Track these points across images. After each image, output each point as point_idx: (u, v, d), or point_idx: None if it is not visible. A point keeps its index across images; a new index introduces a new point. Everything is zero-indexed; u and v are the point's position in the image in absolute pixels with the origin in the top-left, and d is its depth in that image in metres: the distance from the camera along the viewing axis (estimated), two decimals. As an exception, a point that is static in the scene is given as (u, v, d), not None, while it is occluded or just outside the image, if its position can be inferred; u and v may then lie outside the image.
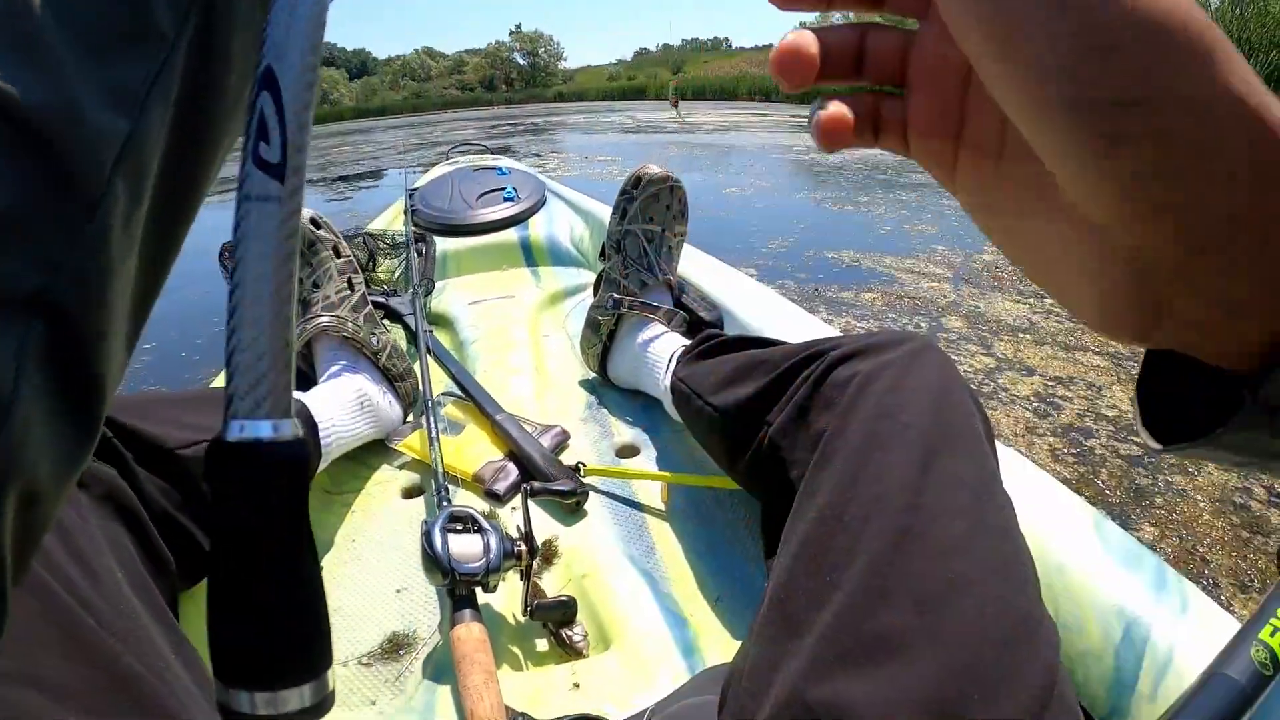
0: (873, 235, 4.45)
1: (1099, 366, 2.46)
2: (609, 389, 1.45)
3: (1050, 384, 2.36)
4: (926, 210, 5.12)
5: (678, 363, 1.20)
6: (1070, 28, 0.21)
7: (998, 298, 3.17)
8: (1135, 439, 1.96)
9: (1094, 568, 0.78)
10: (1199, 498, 1.74)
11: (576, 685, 0.86)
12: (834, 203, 5.68)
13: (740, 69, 29.28)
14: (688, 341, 1.25)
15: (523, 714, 0.79)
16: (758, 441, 0.90)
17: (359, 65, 79.01)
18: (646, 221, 1.40)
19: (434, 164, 3.16)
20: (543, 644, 0.94)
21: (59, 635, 0.56)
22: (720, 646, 0.90)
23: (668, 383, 1.19)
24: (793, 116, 14.19)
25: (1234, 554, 1.53)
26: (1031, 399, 2.24)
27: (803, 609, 0.61)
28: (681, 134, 12.08)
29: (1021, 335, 2.77)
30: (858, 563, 0.59)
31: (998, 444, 0.79)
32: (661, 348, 1.28)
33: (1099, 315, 0.29)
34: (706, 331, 1.26)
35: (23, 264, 0.25)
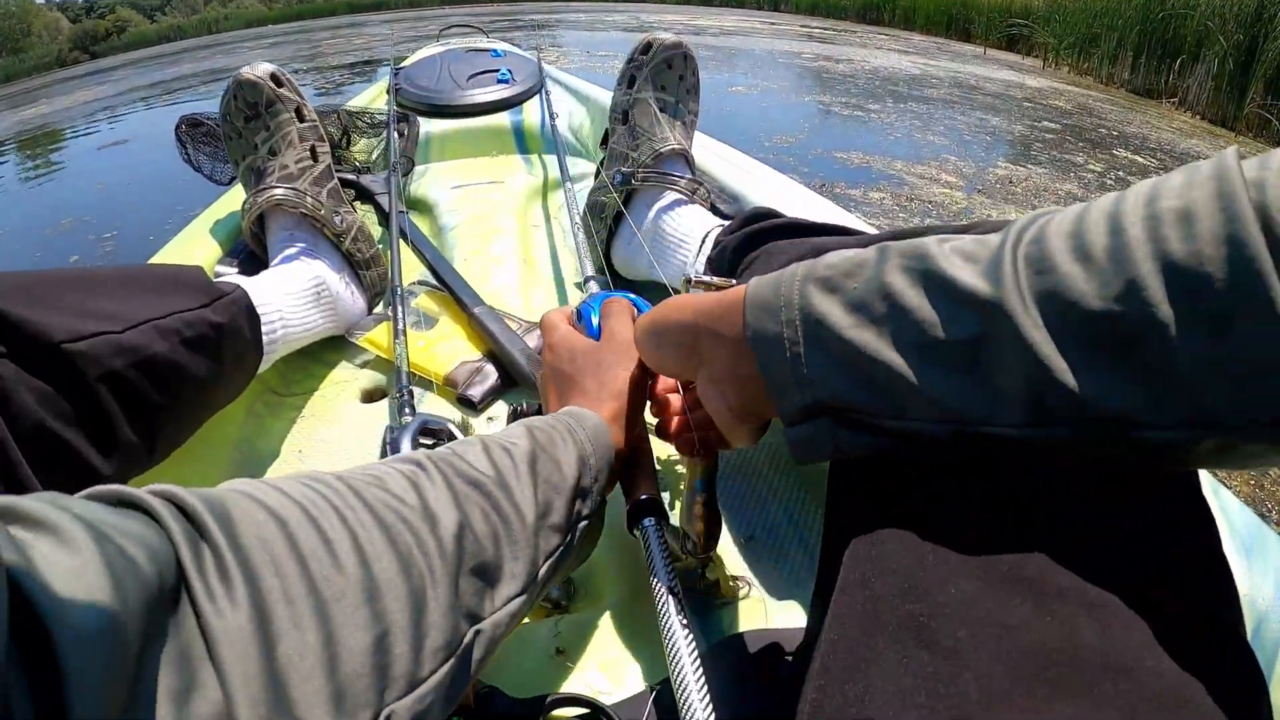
0: (883, 140, 4.33)
1: None
2: (615, 281, 1.25)
3: None
4: (938, 123, 4.95)
5: (715, 245, 1.00)
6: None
7: (1011, 209, 3.06)
8: None
9: None
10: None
11: (559, 651, 0.68)
12: (843, 108, 5.49)
13: None
14: (721, 221, 1.04)
15: (491, 688, 0.62)
16: None
17: None
18: (658, 90, 1.20)
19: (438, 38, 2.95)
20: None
21: None
22: (750, 606, 0.71)
23: (700, 267, 1.00)
24: (802, 26, 13.86)
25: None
26: None
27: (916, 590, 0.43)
28: (686, 35, 11.71)
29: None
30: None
31: None
32: (687, 224, 1.09)
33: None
34: (757, 209, 1.04)
35: None
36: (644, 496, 0.66)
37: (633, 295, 0.83)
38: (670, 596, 0.56)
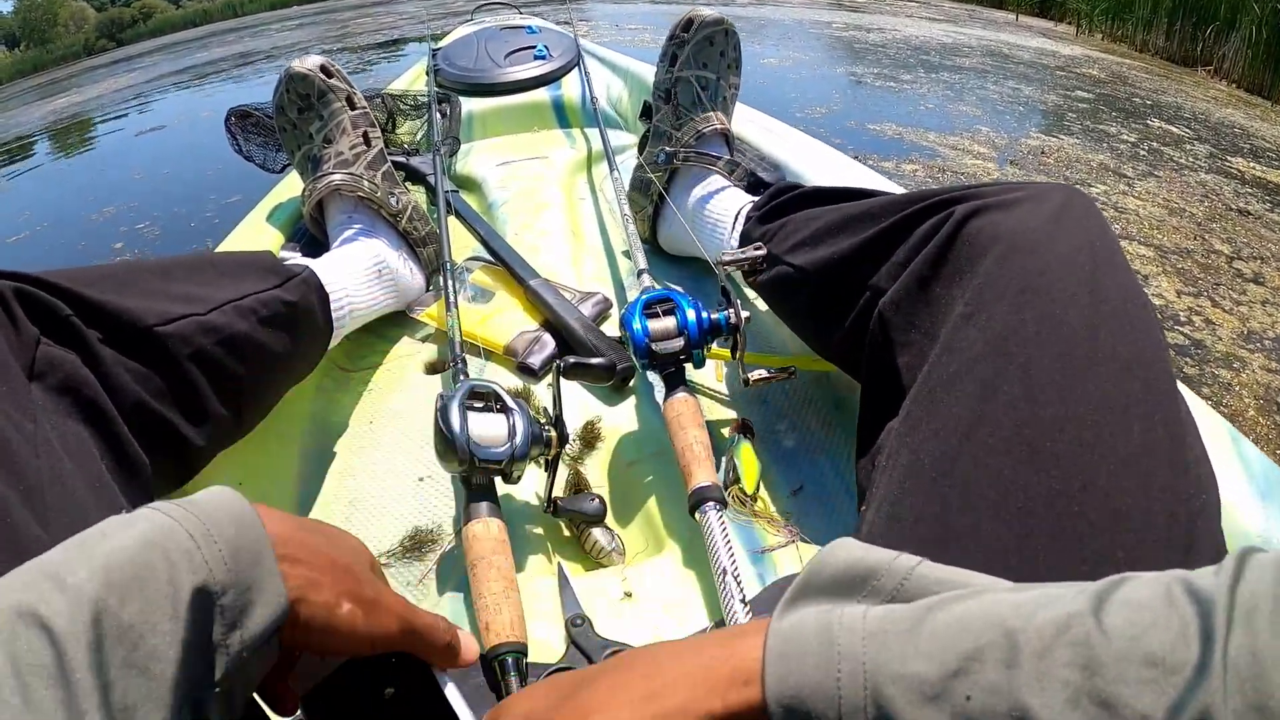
0: (915, 111, 4.28)
1: (1144, 256, 2.38)
2: (657, 256, 1.29)
3: None
4: (970, 93, 4.89)
5: (746, 221, 1.04)
6: None
7: (1043, 180, 3.02)
8: (1181, 328, 1.94)
9: (1235, 495, 0.65)
10: (1244, 393, 1.74)
11: (628, 595, 0.74)
12: (875, 79, 5.44)
13: None
14: (754, 198, 1.08)
15: (584, 619, 0.69)
16: (858, 312, 0.74)
17: None
18: (700, 68, 1.22)
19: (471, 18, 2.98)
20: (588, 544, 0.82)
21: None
22: (800, 549, 0.77)
23: (734, 243, 1.04)
24: None
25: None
26: None
27: (924, 538, 0.49)
28: (715, 5, 11.67)
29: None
30: (1005, 500, 0.46)
31: None
32: (724, 204, 1.12)
33: None
34: (781, 183, 1.08)
35: None
36: (705, 483, 0.72)
37: (675, 291, 0.87)
38: (728, 564, 0.62)
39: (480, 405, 0.76)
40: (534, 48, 2.33)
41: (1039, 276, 0.55)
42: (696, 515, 0.70)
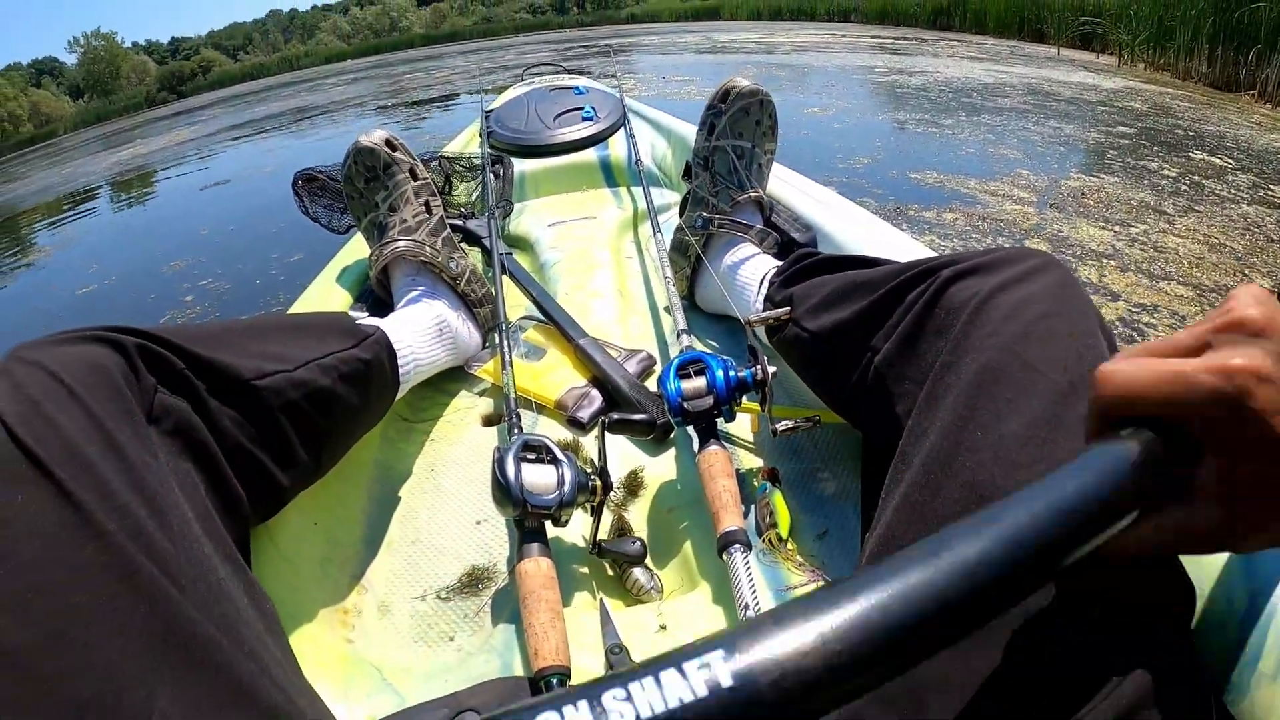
0: (956, 157, 4.29)
1: (1182, 296, 2.38)
2: (696, 314, 1.38)
3: (1134, 310, 2.28)
4: (1011, 135, 4.90)
5: (770, 285, 1.12)
6: None
7: (1083, 223, 3.04)
8: None
9: None
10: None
11: (663, 628, 0.82)
12: (917, 124, 5.48)
13: None
14: (780, 263, 1.17)
15: (622, 646, 0.77)
16: (860, 370, 0.83)
17: None
18: (736, 137, 1.32)
19: (507, 87, 3.10)
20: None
21: (116, 582, 0.53)
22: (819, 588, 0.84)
23: (759, 305, 1.12)
24: (873, 37, 13.66)
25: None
26: (1115, 324, 2.17)
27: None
28: (759, 54, 11.75)
29: (1106, 261, 2.65)
30: (952, 498, 0.54)
31: None
32: (752, 269, 1.21)
33: None
34: (800, 251, 1.17)
35: None
36: (732, 528, 0.81)
37: (707, 353, 0.97)
38: (751, 601, 0.71)
39: (533, 457, 0.85)
40: (582, 109, 2.43)
41: (1011, 333, 0.63)
42: (724, 556, 0.79)
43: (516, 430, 0.97)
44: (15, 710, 0.49)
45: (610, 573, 0.91)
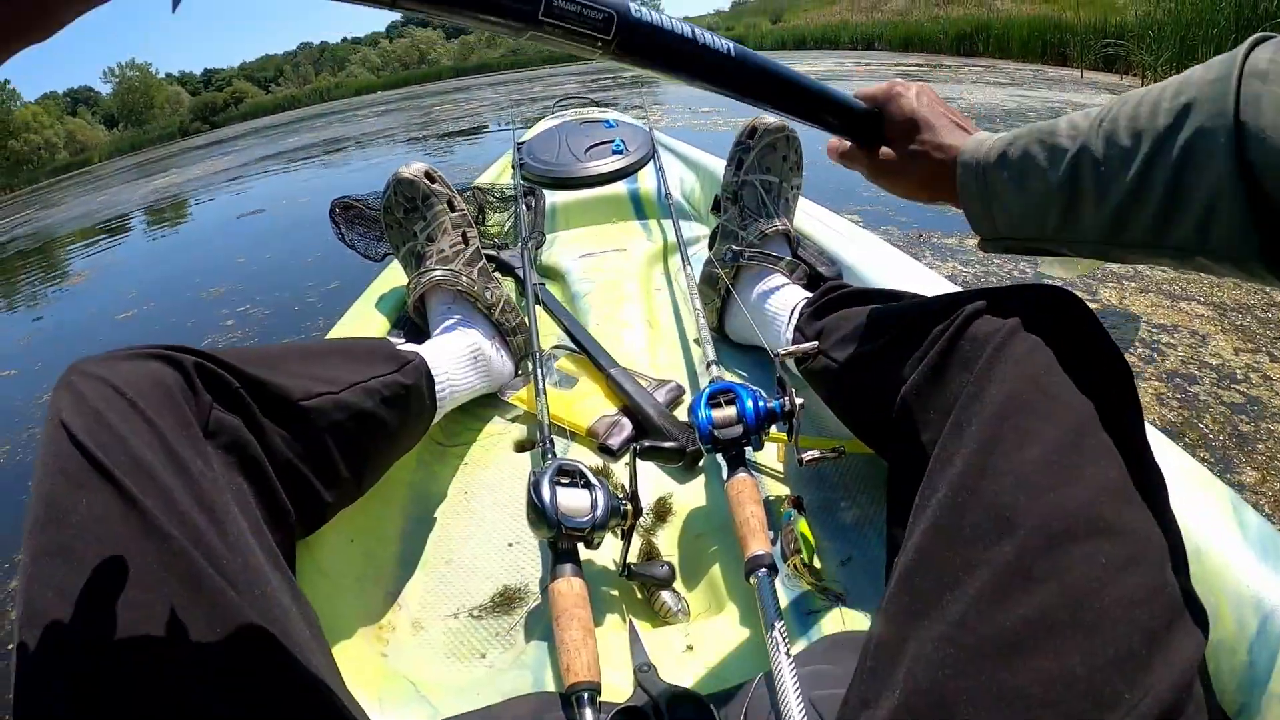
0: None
1: (1203, 315, 2.37)
2: (725, 344, 1.40)
3: (1154, 330, 2.28)
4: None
5: (800, 316, 1.15)
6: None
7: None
8: (1238, 387, 1.96)
9: (1231, 555, 0.72)
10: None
11: (690, 648, 0.84)
12: None
13: (842, 17, 28.31)
14: (809, 294, 1.20)
15: (650, 665, 0.80)
16: (887, 400, 0.85)
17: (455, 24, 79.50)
18: (764, 172, 1.35)
19: (538, 119, 3.15)
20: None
21: (178, 583, 0.57)
22: (844, 613, 0.87)
23: (789, 336, 1.15)
24: (896, 65, 13.62)
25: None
26: (1136, 345, 2.19)
27: (934, 588, 0.57)
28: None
29: (1126, 283, 2.65)
30: (999, 543, 0.55)
31: None
32: (782, 300, 1.23)
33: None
34: (830, 283, 1.20)
35: None
36: (759, 552, 0.83)
37: (737, 383, 0.99)
38: (776, 622, 0.74)
39: (567, 481, 0.88)
40: (612, 142, 2.48)
41: (1034, 365, 0.65)
42: (751, 580, 0.81)
43: (550, 456, 1.00)
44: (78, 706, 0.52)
45: (639, 595, 0.93)
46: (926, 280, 1.27)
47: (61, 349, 3.76)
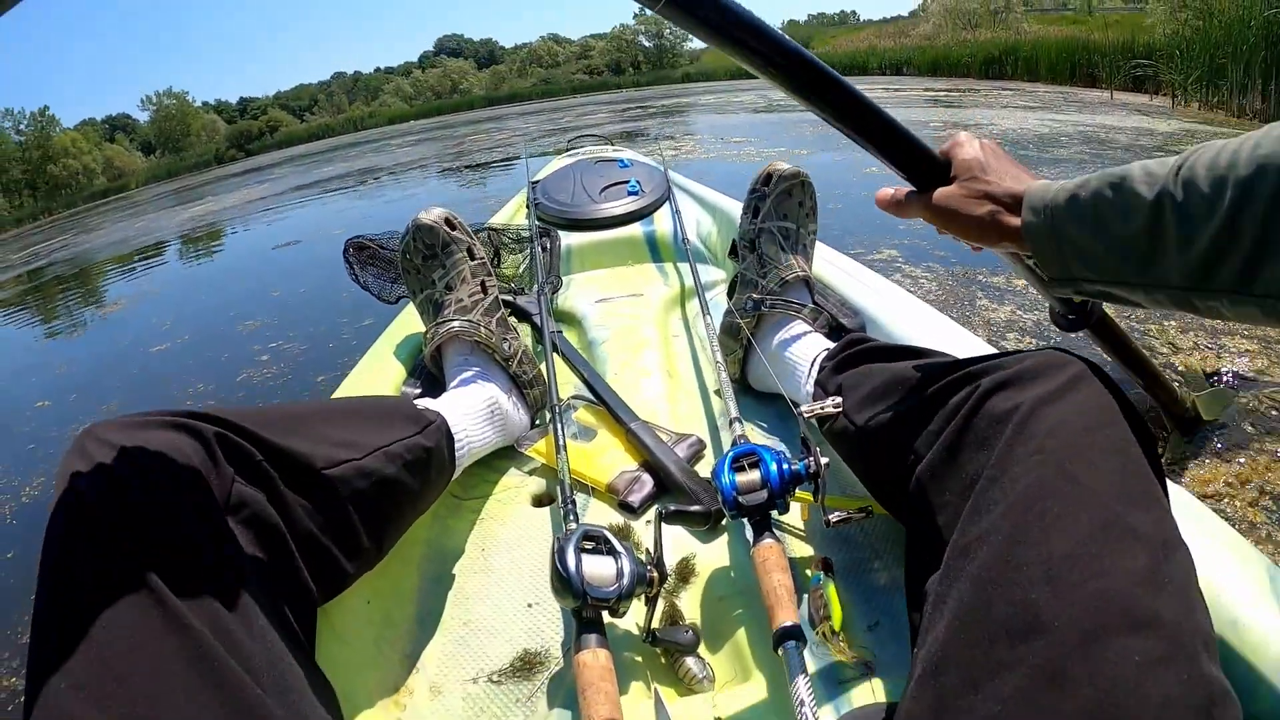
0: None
1: (1247, 349, 2.28)
2: (747, 394, 1.39)
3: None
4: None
5: (820, 370, 1.14)
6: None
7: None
8: None
9: (1270, 624, 0.70)
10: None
11: (718, 719, 0.82)
12: None
13: (869, 43, 28.40)
14: (830, 345, 1.19)
15: None
16: (903, 472, 0.84)
17: (487, 54, 79.29)
18: (780, 219, 1.35)
19: (552, 153, 3.16)
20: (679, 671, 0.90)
21: (199, 678, 0.55)
22: (873, 683, 0.84)
23: (809, 389, 1.14)
24: (926, 90, 13.67)
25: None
26: (1175, 380, 2.09)
27: (962, 688, 0.55)
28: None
29: (1167, 320, 2.58)
30: (1030, 644, 0.53)
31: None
32: (804, 349, 1.22)
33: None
34: (851, 335, 1.19)
35: None
36: (788, 623, 0.81)
37: (760, 446, 0.98)
38: (806, 696, 0.72)
39: (591, 547, 0.86)
40: (627, 182, 2.48)
41: (1056, 447, 0.64)
42: (779, 651, 0.79)
43: (572, 516, 0.98)
44: None
45: (663, 660, 0.91)
46: (952, 335, 1.25)
47: (96, 381, 3.77)
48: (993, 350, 1.13)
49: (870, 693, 0.83)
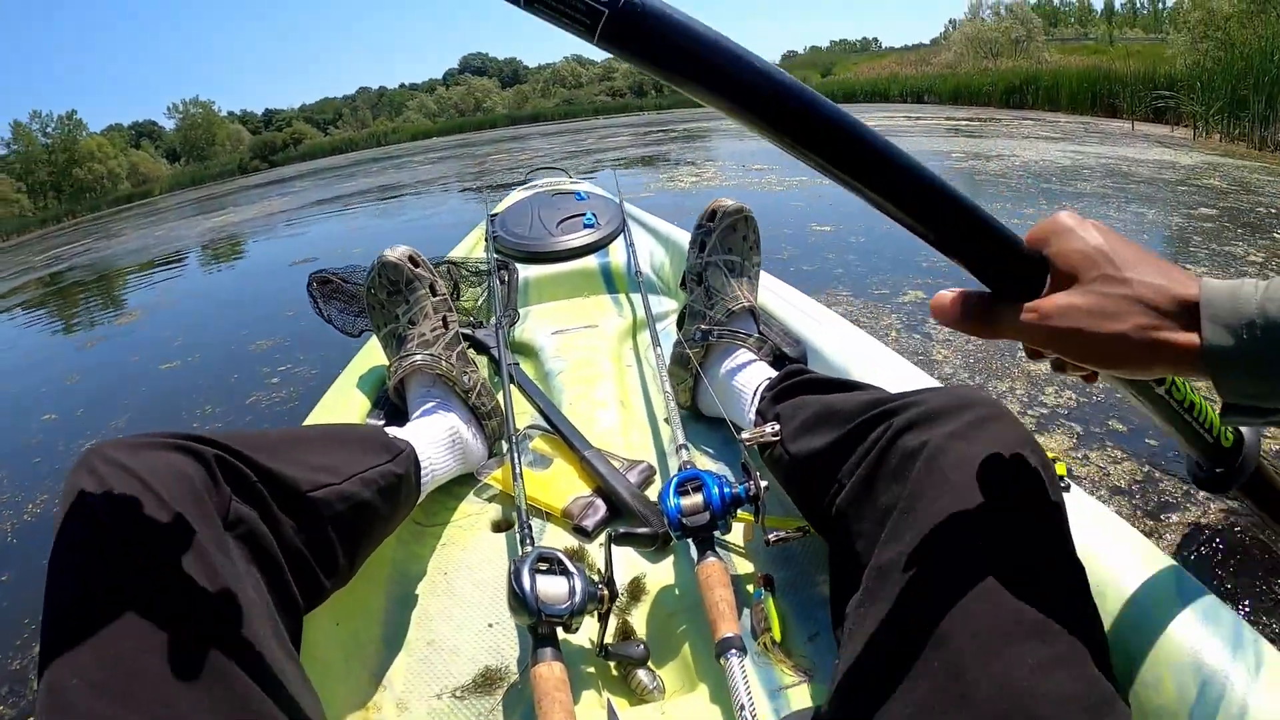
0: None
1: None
2: (695, 422, 1.46)
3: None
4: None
5: (761, 399, 1.21)
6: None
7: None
8: None
9: (1172, 623, 0.75)
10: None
11: None
12: (998, 213, 5.44)
13: (891, 70, 28.48)
14: (773, 374, 1.26)
15: None
16: (829, 499, 0.91)
17: (511, 74, 79.08)
18: (726, 252, 1.42)
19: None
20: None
21: (202, 671, 0.62)
22: (812, 688, 0.92)
23: (752, 417, 1.21)
24: (947, 119, 13.71)
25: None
26: None
27: (879, 694, 0.63)
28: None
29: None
30: (931, 669, 0.61)
31: (1073, 486, 0.80)
32: (748, 378, 1.29)
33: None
34: (789, 368, 1.26)
35: None
36: (729, 634, 0.88)
37: (704, 471, 1.05)
38: (746, 701, 0.80)
39: (546, 568, 0.93)
40: (583, 215, 2.53)
41: (960, 481, 0.71)
42: (721, 661, 0.86)
43: (529, 541, 1.05)
44: None
45: (615, 673, 0.97)
46: (892, 366, 1.32)
47: (104, 397, 3.73)
48: (925, 377, 1.21)
49: (808, 697, 0.90)
